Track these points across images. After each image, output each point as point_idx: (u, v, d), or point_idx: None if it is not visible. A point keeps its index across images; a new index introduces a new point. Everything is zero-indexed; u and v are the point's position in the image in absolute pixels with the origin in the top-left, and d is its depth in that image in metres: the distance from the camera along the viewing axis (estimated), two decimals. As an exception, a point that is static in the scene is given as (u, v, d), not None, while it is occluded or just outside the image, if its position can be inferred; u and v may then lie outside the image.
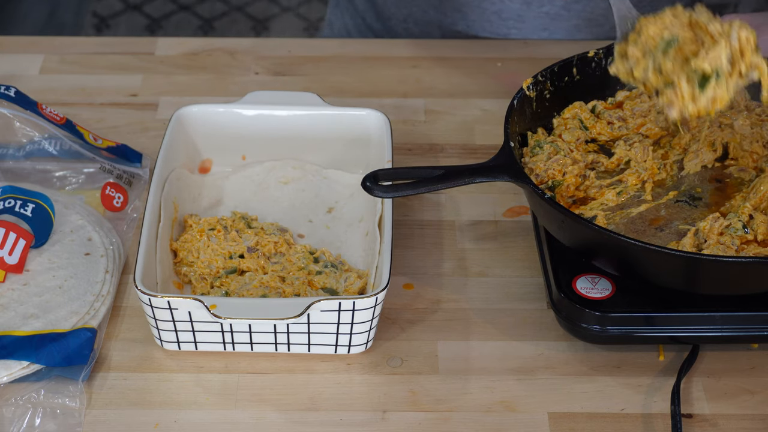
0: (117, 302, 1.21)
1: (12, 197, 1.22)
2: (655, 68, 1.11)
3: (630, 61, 1.14)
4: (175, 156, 1.27)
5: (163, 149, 1.25)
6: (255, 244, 1.22)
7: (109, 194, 1.30)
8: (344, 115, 1.32)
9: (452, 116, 1.49)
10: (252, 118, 1.32)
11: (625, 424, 1.10)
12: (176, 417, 1.10)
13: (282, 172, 1.33)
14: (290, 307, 1.07)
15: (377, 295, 1.09)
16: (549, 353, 1.17)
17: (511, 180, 1.14)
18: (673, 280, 1.12)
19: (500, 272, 1.26)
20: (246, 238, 1.22)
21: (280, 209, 1.30)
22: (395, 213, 1.31)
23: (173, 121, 1.29)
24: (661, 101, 1.11)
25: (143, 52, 1.59)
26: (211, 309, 1.06)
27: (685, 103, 1.09)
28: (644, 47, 1.13)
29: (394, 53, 1.60)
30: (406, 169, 1.17)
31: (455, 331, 1.19)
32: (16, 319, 1.15)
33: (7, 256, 1.18)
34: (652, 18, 1.14)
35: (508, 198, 1.35)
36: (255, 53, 1.59)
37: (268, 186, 1.32)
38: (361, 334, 1.12)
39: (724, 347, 1.17)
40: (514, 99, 1.23)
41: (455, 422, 1.10)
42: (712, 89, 1.08)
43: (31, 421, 1.08)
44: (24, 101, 1.33)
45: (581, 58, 1.29)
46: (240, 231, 1.23)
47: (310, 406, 1.11)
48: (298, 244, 1.23)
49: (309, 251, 1.22)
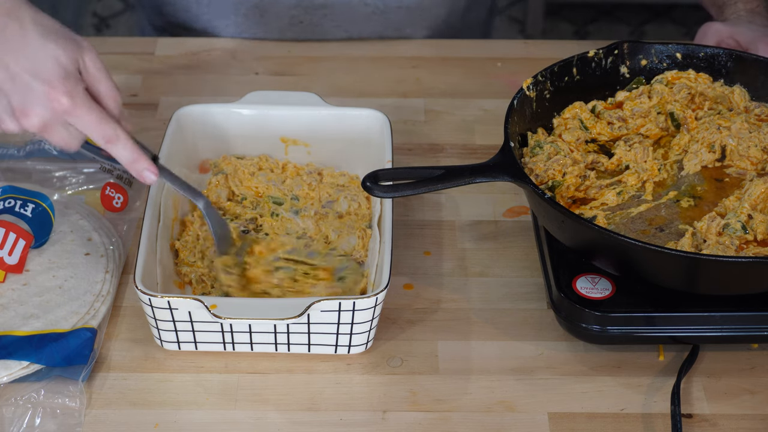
0: (117, 302, 1.21)
1: (12, 197, 1.22)
2: None
3: None
4: (175, 156, 1.27)
5: (163, 149, 1.25)
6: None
7: (109, 194, 1.30)
8: (344, 115, 1.32)
9: (452, 116, 1.49)
10: (251, 117, 1.32)
11: (625, 424, 1.10)
12: (176, 417, 1.10)
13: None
14: (290, 307, 1.07)
15: (377, 295, 1.09)
16: (549, 353, 1.17)
17: (511, 180, 1.14)
18: (673, 280, 1.12)
19: (500, 272, 1.26)
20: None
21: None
22: (395, 213, 1.31)
23: (173, 122, 1.29)
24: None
25: (143, 52, 1.59)
26: (211, 309, 1.06)
27: None
28: None
29: (394, 53, 1.60)
30: (406, 169, 1.17)
31: (455, 331, 1.19)
32: (16, 319, 1.15)
33: (7, 257, 1.18)
34: None
35: (508, 198, 1.35)
36: (255, 53, 1.59)
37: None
38: (361, 334, 1.12)
39: (724, 347, 1.17)
40: (514, 99, 1.23)
41: (455, 422, 1.10)
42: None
43: (31, 421, 1.08)
44: (24, 101, 1.32)
45: (581, 58, 1.29)
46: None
47: (310, 406, 1.11)
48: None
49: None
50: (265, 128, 1.32)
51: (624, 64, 1.31)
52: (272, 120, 1.32)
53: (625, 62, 1.31)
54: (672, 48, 1.31)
